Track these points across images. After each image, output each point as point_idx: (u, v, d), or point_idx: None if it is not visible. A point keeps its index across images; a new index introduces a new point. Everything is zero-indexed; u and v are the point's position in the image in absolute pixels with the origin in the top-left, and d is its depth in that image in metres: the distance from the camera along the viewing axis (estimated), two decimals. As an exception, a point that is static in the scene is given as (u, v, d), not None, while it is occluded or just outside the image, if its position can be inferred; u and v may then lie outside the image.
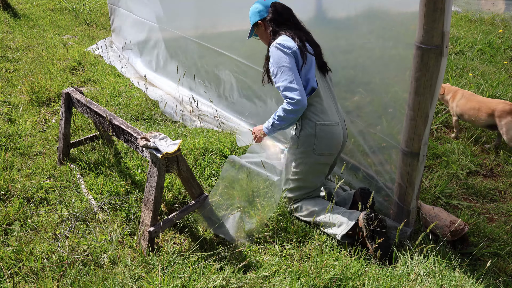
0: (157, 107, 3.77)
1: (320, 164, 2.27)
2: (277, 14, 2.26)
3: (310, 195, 2.35)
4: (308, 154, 2.23)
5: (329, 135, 2.19)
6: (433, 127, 3.47)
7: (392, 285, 1.87)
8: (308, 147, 2.21)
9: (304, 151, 2.24)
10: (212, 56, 3.49)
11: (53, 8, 7.34)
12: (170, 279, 1.78)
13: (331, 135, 2.19)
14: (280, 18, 2.26)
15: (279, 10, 2.27)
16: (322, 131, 2.18)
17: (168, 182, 2.47)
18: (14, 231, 2.14)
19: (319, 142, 2.19)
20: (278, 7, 2.28)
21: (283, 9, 2.28)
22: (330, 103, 2.24)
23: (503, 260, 2.14)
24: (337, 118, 2.24)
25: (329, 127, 2.18)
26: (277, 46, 2.15)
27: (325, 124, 2.18)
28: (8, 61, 4.76)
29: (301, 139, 2.22)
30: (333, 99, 2.29)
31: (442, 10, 1.69)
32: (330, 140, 2.20)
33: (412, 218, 2.18)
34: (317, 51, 2.26)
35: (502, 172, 2.92)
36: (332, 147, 2.22)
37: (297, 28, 2.26)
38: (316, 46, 2.27)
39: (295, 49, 2.13)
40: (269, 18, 2.27)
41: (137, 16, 4.57)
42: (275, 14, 2.26)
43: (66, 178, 2.59)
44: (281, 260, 2.07)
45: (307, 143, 2.21)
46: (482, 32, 5.60)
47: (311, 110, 2.17)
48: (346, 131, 2.32)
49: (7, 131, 3.14)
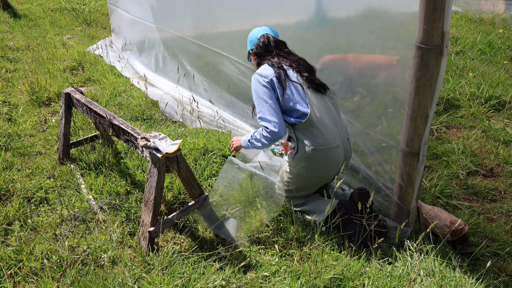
0: (157, 107, 3.77)
1: (314, 181, 2.30)
2: (261, 47, 2.35)
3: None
4: (301, 174, 2.25)
5: (325, 159, 2.18)
6: (433, 127, 3.47)
7: (392, 285, 1.87)
8: (301, 168, 2.23)
9: (298, 171, 2.25)
10: (212, 56, 3.49)
11: (53, 8, 7.34)
12: (170, 279, 1.78)
13: (326, 159, 2.18)
14: (263, 51, 2.34)
15: (264, 44, 2.34)
16: (317, 156, 2.17)
17: (168, 182, 2.47)
18: (14, 231, 2.14)
19: (313, 165, 2.20)
20: (263, 41, 2.35)
21: (268, 42, 2.34)
22: (329, 124, 2.19)
23: (503, 260, 2.14)
24: (337, 139, 2.20)
25: (324, 151, 2.17)
26: (255, 76, 2.22)
27: (319, 149, 2.15)
28: (8, 61, 4.76)
29: (296, 161, 2.23)
30: (334, 119, 2.24)
31: (442, 10, 1.69)
32: (325, 163, 2.20)
33: (412, 218, 2.18)
34: (309, 77, 2.25)
35: (502, 172, 2.92)
36: (327, 170, 2.23)
37: (282, 55, 2.31)
38: (309, 71, 2.28)
39: (271, 77, 2.18)
40: (254, 52, 2.38)
41: (136, 16, 4.57)
42: (259, 48, 2.35)
43: (66, 178, 2.59)
44: (281, 260, 2.07)
45: (301, 165, 2.22)
46: (482, 32, 5.60)
47: (305, 134, 2.17)
48: (350, 148, 2.29)
49: (7, 131, 3.14)
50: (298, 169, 2.24)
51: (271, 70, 2.20)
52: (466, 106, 3.75)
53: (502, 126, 3.41)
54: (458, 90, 3.95)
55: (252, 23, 3.23)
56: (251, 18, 3.19)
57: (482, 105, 3.74)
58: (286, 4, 2.79)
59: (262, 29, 2.42)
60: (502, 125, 3.45)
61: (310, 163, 2.18)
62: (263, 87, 2.17)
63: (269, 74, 2.19)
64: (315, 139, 2.15)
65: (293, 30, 2.90)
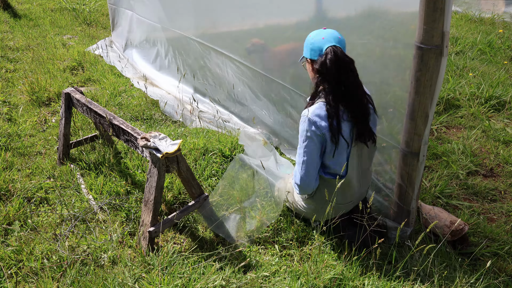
0: (157, 107, 3.77)
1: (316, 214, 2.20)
2: (327, 68, 1.87)
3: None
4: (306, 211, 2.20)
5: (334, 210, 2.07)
6: (433, 127, 3.47)
7: (392, 285, 1.87)
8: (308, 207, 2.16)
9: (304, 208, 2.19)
10: (214, 56, 3.49)
11: (53, 8, 7.34)
12: (170, 279, 1.79)
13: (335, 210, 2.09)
14: (327, 73, 1.88)
15: (332, 63, 1.86)
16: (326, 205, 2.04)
17: (168, 182, 2.47)
18: (14, 231, 2.14)
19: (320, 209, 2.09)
20: (330, 58, 1.86)
21: (337, 63, 1.86)
22: (354, 183, 2.04)
23: (503, 260, 2.14)
24: (354, 197, 2.09)
25: (337, 206, 2.07)
26: (307, 120, 1.90)
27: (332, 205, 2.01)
28: (8, 61, 4.76)
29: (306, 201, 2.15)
30: (362, 175, 2.08)
31: (442, 10, 1.69)
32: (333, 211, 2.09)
33: (412, 218, 2.18)
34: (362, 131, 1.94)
35: (502, 172, 2.92)
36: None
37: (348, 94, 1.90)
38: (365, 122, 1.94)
39: (325, 132, 1.89)
40: (316, 68, 1.94)
41: (137, 15, 4.57)
42: (323, 67, 1.88)
43: (66, 178, 2.59)
44: (281, 260, 2.07)
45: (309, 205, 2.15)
46: (482, 32, 5.60)
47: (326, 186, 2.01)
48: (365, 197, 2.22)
49: (7, 131, 3.14)
50: (305, 206, 2.19)
51: (326, 121, 1.88)
52: (466, 106, 3.75)
53: (502, 126, 3.41)
54: (458, 90, 3.95)
55: (252, 23, 3.24)
56: (251, 18, 3.19)
57: (482, 105, 3.74)
58: (286, 4, 2.79)
59: (328, 36, 1.93)
60: (502, 125, 3.45)
61: (317, 207, 2.12)
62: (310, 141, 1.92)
63: (323, 127, 1.88)
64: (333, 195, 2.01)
65: (293, 30, 2.90)
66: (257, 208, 2.28)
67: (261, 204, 2.29)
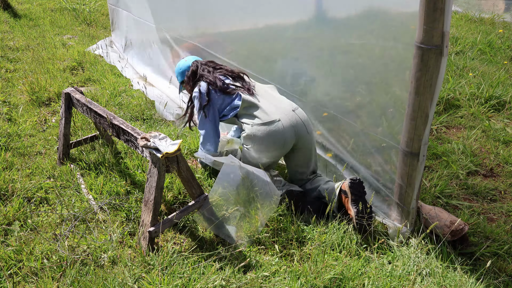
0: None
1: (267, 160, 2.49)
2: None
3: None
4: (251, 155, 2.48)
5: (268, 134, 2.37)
6: (433, 127, 3.47)
7: (392, 285, 1.87)
8: (250, 148, 2.45)
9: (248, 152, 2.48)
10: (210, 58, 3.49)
11: (53, 8, 7.34)
12: (170, 279, 1.79)
13: (270, 135, 2.37)
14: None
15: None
16: (258, 131, 2.39)
17: (168, 182, 2.47)
18: (14, 231, 2.14)
19: (258, 142, 2.40)
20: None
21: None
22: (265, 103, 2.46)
23: (503, 260, 2.14)
24: (278, 114, 2.40)
25: (265, 126, 2.37)
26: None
27: (259, 124, 2.38)
28: (8, 61, 4.76)
29: (244, 140, 2.47)
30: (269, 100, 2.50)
31: (442, 10, 1.69)
32: (270, 139, 2.38)
33: (412, 218, 2.18)
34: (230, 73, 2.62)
35: (502, 172, 2.92)
36: (274, 146, 2.40)
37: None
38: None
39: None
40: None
41: (136, 16, 4.57)
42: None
43: (66, 178, 2.59)
44: (281, 260, 2.07)
45: (248, 144, 2.46)
46: (482, 32, 5.60)
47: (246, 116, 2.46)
48: (301, 118, 2.45)
49: (7, 131, 3.14)
50: (248, 149, 2.47)
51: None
52: (466, 106, 3.75)
53: (502, 126, 3.41)
54: (458, 90, 3.95)
55: (252, 23, 3.24)
56: (251, 18, 3.19)
57: (482, 105, 3.74)
58: (286, 4, 2.79)
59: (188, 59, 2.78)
60: (502, 125, 3.45)
61: (255, 140, 2.39)
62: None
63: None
64: (254, 118, 2.42)
65: (293, 30, 2.90)
66: (256, 207, 2.28)
67: (260, 204, 2.29)
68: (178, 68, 2.78)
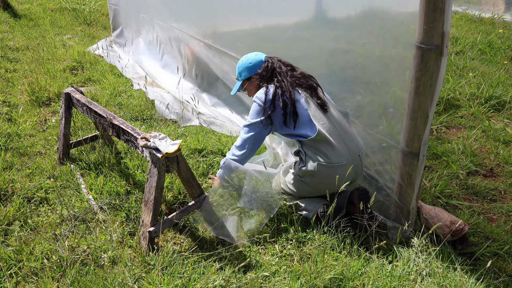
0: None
1: (315, 193, 2.33)
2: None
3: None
4: (304, 187, 2.30)
5: (330, 175, 2.19)
6: (433, 127, 3.47)
7: (392, 285, 1.87)
8: (305, 182, 2.27)
9: (301, 184, 2.30)
10: (216, 55, 3.49)
11: (53, 8, 7.34)
12: (170, 279, 1.79)
13: (332, 176, 2.18)
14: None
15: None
16: (322, 172, 2.19)
17: (168, 182, 2.47)
18: (14, 231, 2.14)
19: (317, 180, 2.22)
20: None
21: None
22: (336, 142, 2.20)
23: (503, 260, 2.14)
24: (345, 157, 2.20)
25: (331, 169, 2.18)
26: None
27: (325, 165, 2.18)
28: (8, 61, 4.76)
29: (301, 172, 2.27)
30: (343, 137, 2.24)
31: (442, 10, 1.69)
32: (330, 180, 2.20)
33: (412, 218, 2.18)
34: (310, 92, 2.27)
35: (502, 172, 2.92)
36: (331, 186, 2.22)
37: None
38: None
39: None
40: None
41: (137, 14, 4.57)
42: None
43: (66, 178, 2.59)
44: (281, 260, 2.07)
45: (306, 179, 2.26)
46: (482, 32, 5.60)
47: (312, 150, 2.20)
48: (361, 165, 2.29)
49: (7, 131, 3.14)
50: (302, 182, 2.28)
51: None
52: (466, 106, 3.75)
53: (502, 126, 3.41)
54: (458, 90, 3.95)
55: (252, 23, 3.24)
56: (251, 18, 3.19)
57: (482, 105, 3.74)
58: (286, 4, 2.79)
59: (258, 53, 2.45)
60: (502, 125, 3.45)
61: (315, 177, 2.21)
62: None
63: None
64: (322, 156, 2.18)
65: (293, 30, 2.90)
66: (256, 207, 2.28)
67: (260, 203, 2.29)
68: (247, 63, 2.40)
